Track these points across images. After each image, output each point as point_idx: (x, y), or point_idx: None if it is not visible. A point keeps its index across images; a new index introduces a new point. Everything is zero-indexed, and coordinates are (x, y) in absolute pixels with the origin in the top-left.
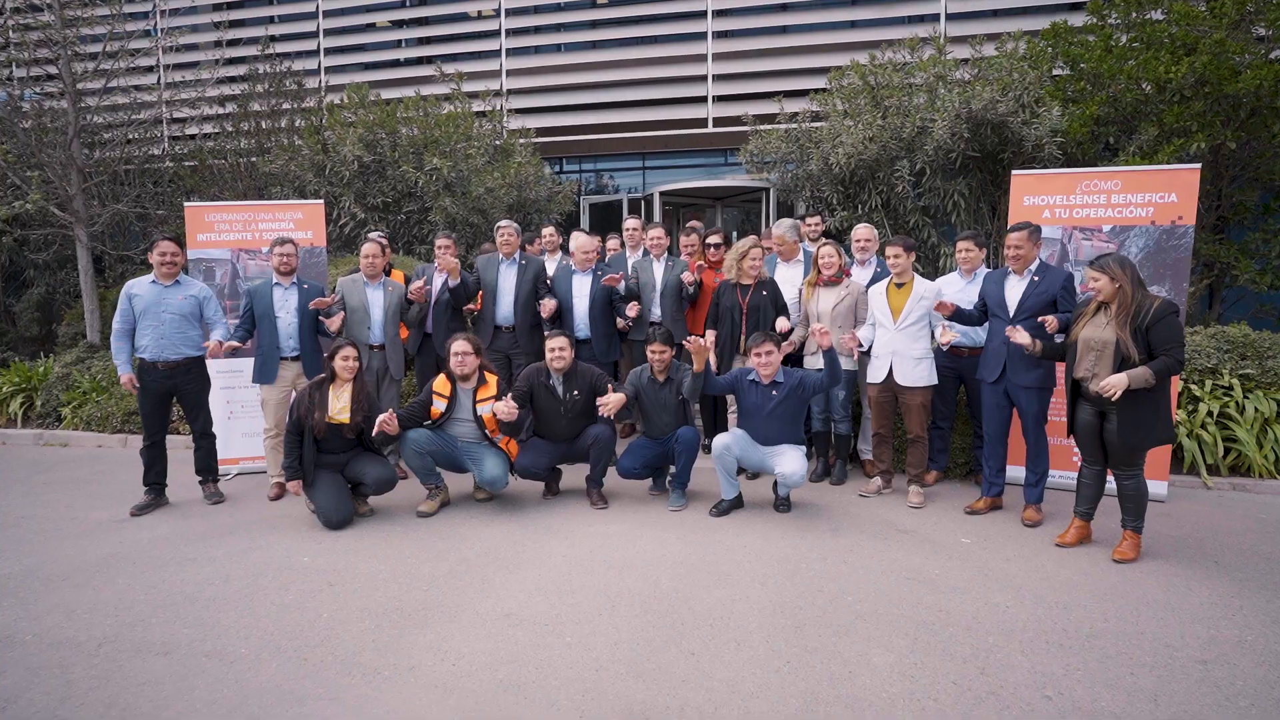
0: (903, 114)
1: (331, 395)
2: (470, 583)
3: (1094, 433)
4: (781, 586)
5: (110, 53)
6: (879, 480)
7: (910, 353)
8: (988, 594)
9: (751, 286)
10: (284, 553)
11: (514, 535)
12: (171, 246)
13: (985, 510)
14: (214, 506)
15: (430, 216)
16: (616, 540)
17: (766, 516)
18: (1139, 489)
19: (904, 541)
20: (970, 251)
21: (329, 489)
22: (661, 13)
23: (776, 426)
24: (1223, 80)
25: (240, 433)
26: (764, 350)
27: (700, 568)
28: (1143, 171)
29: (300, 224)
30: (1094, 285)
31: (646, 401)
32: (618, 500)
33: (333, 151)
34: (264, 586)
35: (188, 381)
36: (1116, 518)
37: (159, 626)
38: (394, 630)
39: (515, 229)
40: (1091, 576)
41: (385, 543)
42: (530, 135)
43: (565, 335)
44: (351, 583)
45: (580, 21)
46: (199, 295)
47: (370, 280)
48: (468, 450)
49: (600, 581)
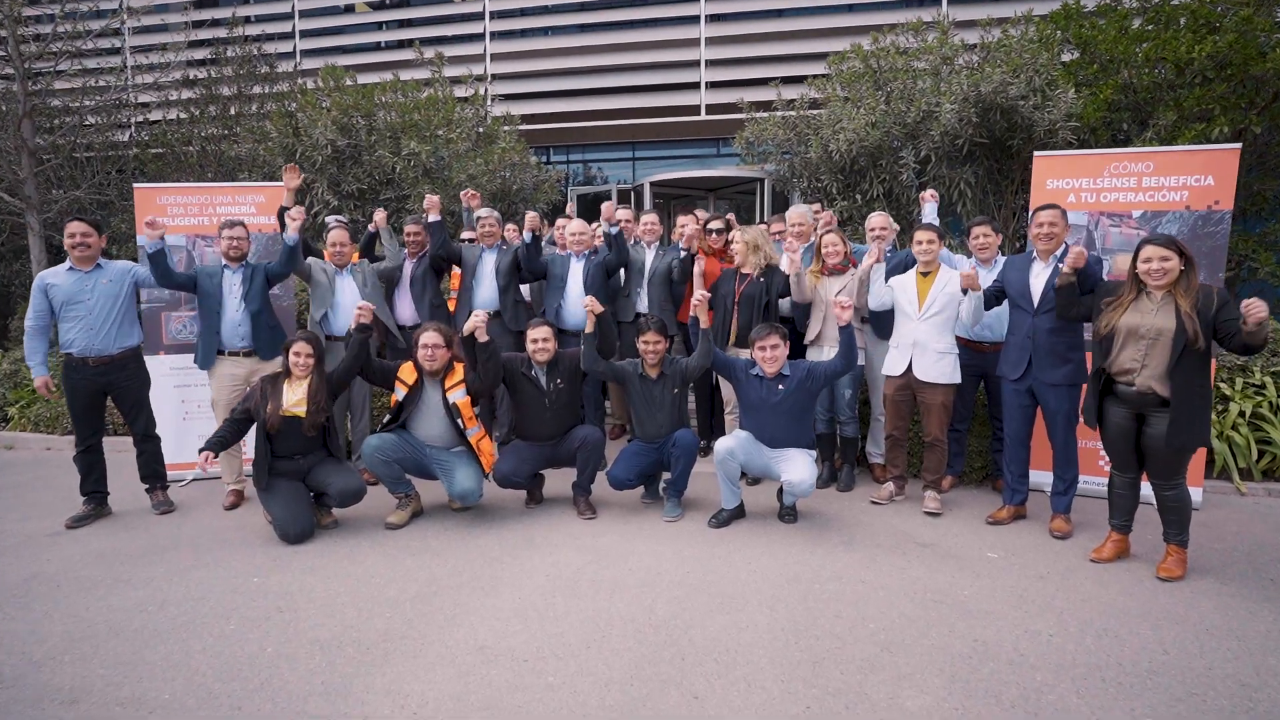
0: (907, 99)
1: (286, 389)
2: (440, 608)
3: (1129, 437)
4: (793, 611)
5: (60, 34)
6: (891, 486)
7: (934, 346)
8: (1027, 620)
9: (750, 277)
10: (232, 572)
11: (491, 550)
12: (81, 227)
13: (1008, 520)
14: (161, 517)
15: (408, 204)
16: (606, 556)
17: (771, 528)
18: (1182, 499)
19: (925, 556)
20: (988, 237)
21: (287, 498)
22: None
23: (784, 423)
24: (1248, 61)
25: (196, 435)
26: (768, 343)
27: (700, 589)
28: (1177, 152)
29: (263, 208)
30: (1165, 265)
31: (639, 400)
32: (607, 509)
33: (304, 135)
34: (203, 614)
35: (124, 378)
36: (1151, 527)
37: (71, 666)
38: (348, 668)
39: (497, 218)
40: (1138, 598)
41: (348, 559)
42: (515, 122)
43: (548, 324)
44: (305, 608)
45: (568, 3)
46: (127, 274)
47: (339, 269)
48: (437, 458)
49: (588, 606)
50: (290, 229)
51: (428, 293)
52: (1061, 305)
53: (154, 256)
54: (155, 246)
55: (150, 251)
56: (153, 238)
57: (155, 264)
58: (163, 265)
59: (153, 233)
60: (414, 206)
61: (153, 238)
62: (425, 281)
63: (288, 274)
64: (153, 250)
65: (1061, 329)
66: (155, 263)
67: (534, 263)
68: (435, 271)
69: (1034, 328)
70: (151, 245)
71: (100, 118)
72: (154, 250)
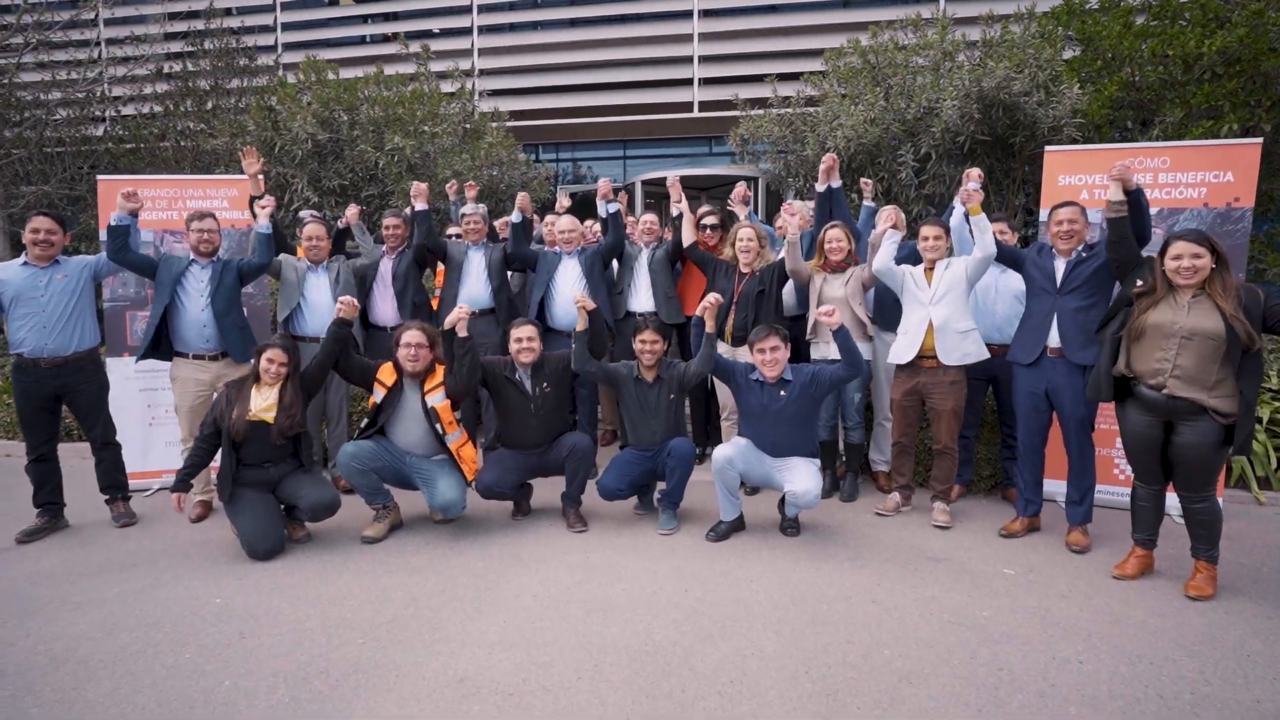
0: (907, 95)
1: (254, 393)
2: (418, 633)
3: (1155, 447)
4: (801, 636)
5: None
6: (897, 496)
7: (954, 326)
8: (1052, 644)
9: (748, 276)
10: (193, 592)
11: (475, 567)
12: (46, 223)
13: (1022, 532)
14: (121, 530)
15: (391, 201)
16: (598, 574)
17: (773, 541)
18: (1213, 513)
19: (938, 573)
20: (1004, 235)
21: (254, 511)
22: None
23: (786, 430)
24: (1259, 56)
25: (164, 441)
26: (768, 345)
27: (700, 611)
28: (1195, 147)
29: (236, 202)
30: (1195, 264)
31: (632, 404)
32: (599, 521)
33: (283, 129)
34: (156, 642)
35: (80, 381)
36: (1170, 539)
37: (1, 705)
38: (313, 704)
39: (483, 213)
40: (1169, 620)
41: (319, 577)
42: (504, 118)
43: (532, 323)
44: (270, 633)
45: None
46: (83, 268)
47: (312, 266)
48: (418, 467)
49: (579, 630)
50: (261, 217)
51: (410, 290)
52: (1112, 241)
53: (114, 229)
54: (120, 220)
55: (113, 223)
56: (123, 209)
57: (114, 236)
58: (122, 239)
59: (126, 204)
60: (397, 203)
61: (123, 209)
62: (408, 278)
63: (264, 268)
64: (116, 221)
65: (1087, 307)
66: (115, 235)
67: (522, 247)
68: (419, 265)
69: (1059, 309)
70: (117, 217)
71: (72, 111)
72: (118, 222)
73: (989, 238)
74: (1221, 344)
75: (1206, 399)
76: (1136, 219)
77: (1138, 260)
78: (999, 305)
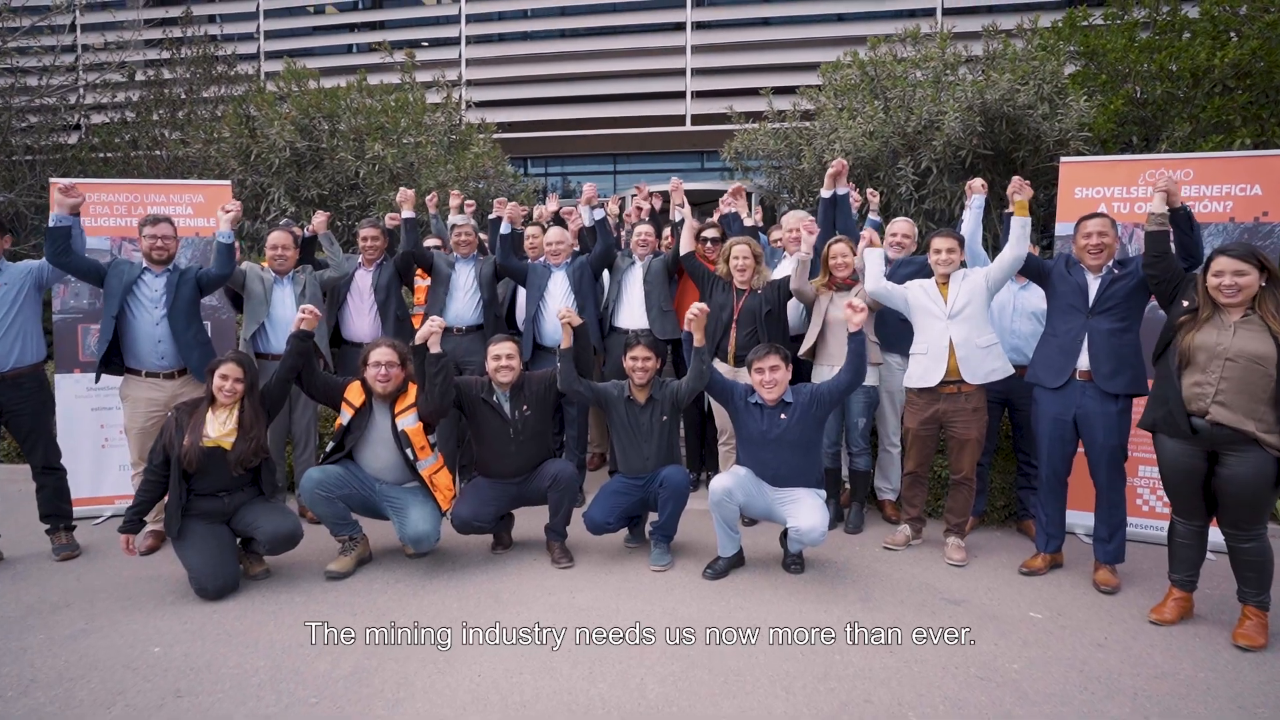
0: (906, 108)
1: (210, 417)
2: (380, 689)
3: (1196, 479)
4: (813, 693)
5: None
6: (907, 529)
7: (977, 341)
8: (1097, 705)
9: (746, 292)
10: (129, 639)
11: (449, 608)
12: None
13: (1044, 569)
14: (60, 564)
15: (371, 212)
16: (585, 616)
17: (775, 579)
18: (1264, 553)
19: (959, 617)
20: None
21: (205, 545)
22: (637, 0)
23: (788, 456)
24: (1271, 69)
25: (117, 465)
26: (767, 365)
27: (700, 662)
28: (1220, 159)
29: (201, 209)
30: (1239, 281)
31: (622, 427)
32: (586, 555)
33: (260, 136)
34: (78, 699)
35: (19, 399)
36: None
37: None
38: None
39: (473, 225)
40: (1221, 674)
41: (274, 620)
42: (491, 129)
43: (512, 339)
44: (210, 691)
45: (548, 8)
46: (25, 275)
47: (278, 276)
48: (388, 495)
49: (564, 687)
50: (222, 223)
51: (392, 304)
52: (1150, 258)
53: (54, 230)
54: (60, 220)
55: (52, 225)
56: (62, 207)
57: (54, 238)
58: (63, 242)
59: (65, 200)
60: (377, 214)
61: (62, 207)
62: (390, 291)
63: (224, 279)
64: (55, 222)
65: (1121, 330)
66: (54, 236)
67: (511, 260)
68: (400, 278)
69: (1090, 329)
70: (56, 217)
71: (41, 117)
72: (57, 223)
73: (1026, 244)
74: (1272, 368)
75: (1255, 429)
76: (1184, 240)
77: (1179, 278)
78: (1018, 323)
